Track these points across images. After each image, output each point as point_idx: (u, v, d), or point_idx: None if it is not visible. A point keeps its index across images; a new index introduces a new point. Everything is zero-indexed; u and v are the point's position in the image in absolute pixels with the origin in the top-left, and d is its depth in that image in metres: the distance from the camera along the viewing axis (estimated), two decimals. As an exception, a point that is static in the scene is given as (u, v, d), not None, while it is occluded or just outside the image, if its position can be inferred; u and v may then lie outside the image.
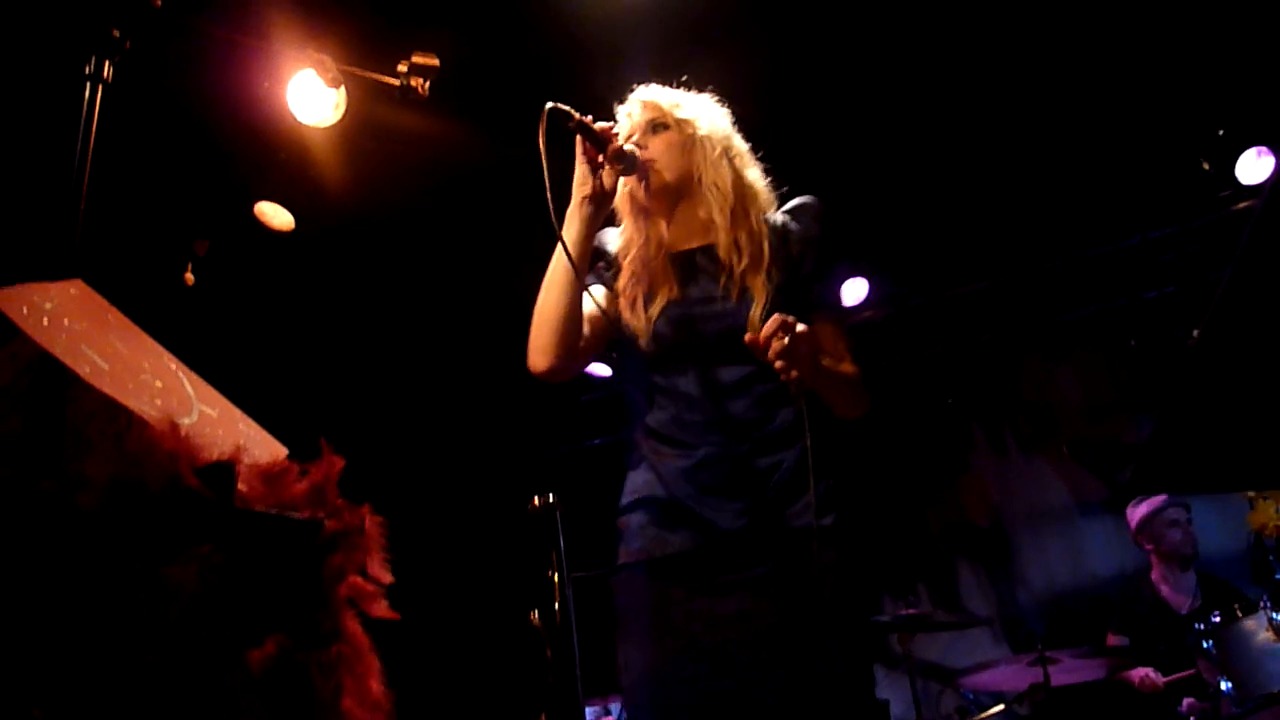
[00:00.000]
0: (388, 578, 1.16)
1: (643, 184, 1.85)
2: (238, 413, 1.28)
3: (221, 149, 3.68)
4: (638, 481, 1.81)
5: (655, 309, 1.82)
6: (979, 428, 5.65)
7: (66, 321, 1.13)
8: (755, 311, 1.74)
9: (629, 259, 1.89)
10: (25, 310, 1.08)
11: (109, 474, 0.98)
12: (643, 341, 1.81)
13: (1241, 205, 4.71)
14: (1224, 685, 3.47)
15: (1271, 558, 3.82)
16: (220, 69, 3.12)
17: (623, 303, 1.86)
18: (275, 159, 3.64)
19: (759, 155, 2.00)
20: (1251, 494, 3.43)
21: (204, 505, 0.98)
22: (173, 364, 1.26)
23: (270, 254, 4.12)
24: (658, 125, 1.88)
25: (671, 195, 1.87)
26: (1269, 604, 3.34)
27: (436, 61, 1.84)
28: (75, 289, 1.22)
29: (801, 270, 1.84)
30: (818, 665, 1.61)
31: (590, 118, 1.78)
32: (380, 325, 4.85)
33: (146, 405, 1.08)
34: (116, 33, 1.41)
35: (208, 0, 2.64)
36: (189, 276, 3.93)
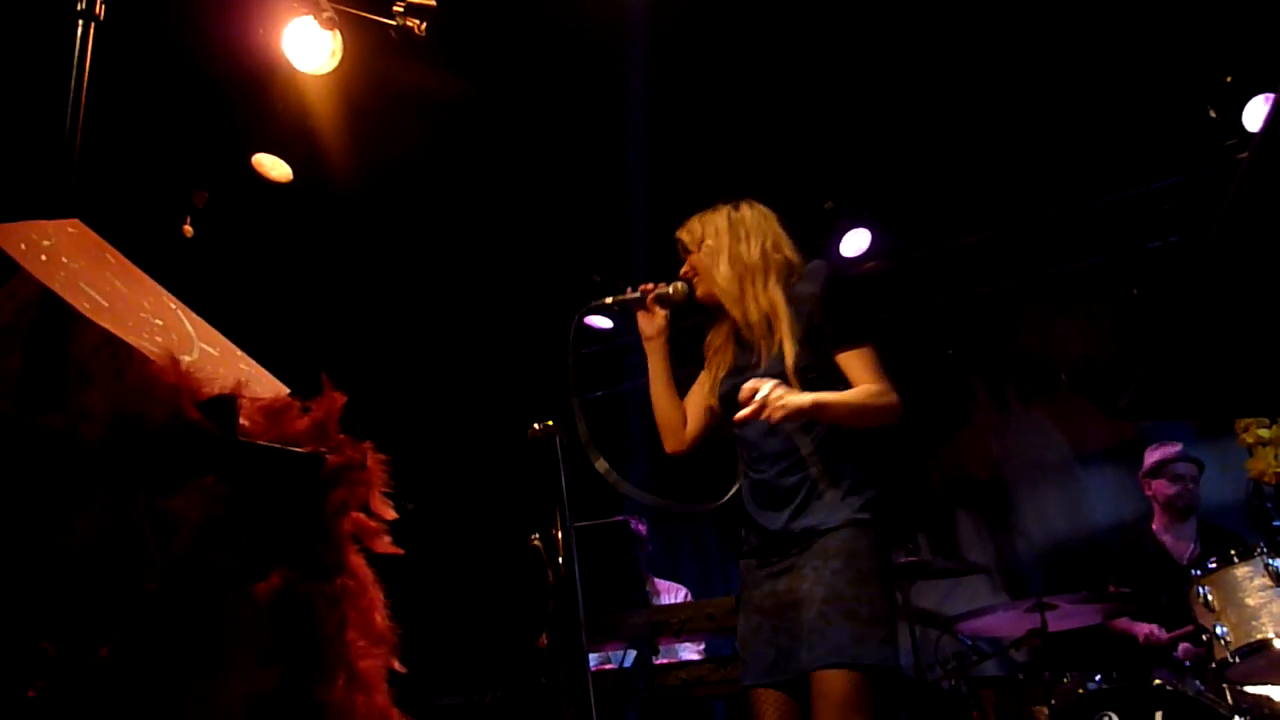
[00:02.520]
0: (390, 514, 1.17)
1: (697, 294, 2.45)
2: (239, 352, 1.28)
3: (218, 99, 3.64)
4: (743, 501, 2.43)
5: (717, 378, 2.44)
6: (979, 381, 5.65)
7: (65, 259, 1.13)
8: (757, 375, 2.23)
9: (708, 346, 2.51)
10: (24, 246, 1.08)
11: (110, 407, 0.99)
12: (714, 405, 2.44)
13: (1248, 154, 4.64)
14: (1219, 630, 3.50)
15: (1269, 505, 3.83)
16: (215, 13, 3.07)
17: (710, 377, 2.47)
18: (272, 109, 3.60)
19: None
20: (1250, 440, 3.43)
21: (206, 438, 0.99)
22: (172, 303, 1.26)
23: (268, 205, 4.10)
24: (687, 249, 2.48)
25: (710, 294, 2.42)
26: (1265, 550, 3.36)
27: (433, 1, 1.82)
28: (73, 228, 1.22)
29: (814, 322, 2.30)
30: (826, 628, 2.11)
31: (627, 289, 2.46)
32: (379, 274, 4.84)
33: (147, 341, 1.09)
34: (108, -31, 1.39)
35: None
36: (188, 229, 3.92)
